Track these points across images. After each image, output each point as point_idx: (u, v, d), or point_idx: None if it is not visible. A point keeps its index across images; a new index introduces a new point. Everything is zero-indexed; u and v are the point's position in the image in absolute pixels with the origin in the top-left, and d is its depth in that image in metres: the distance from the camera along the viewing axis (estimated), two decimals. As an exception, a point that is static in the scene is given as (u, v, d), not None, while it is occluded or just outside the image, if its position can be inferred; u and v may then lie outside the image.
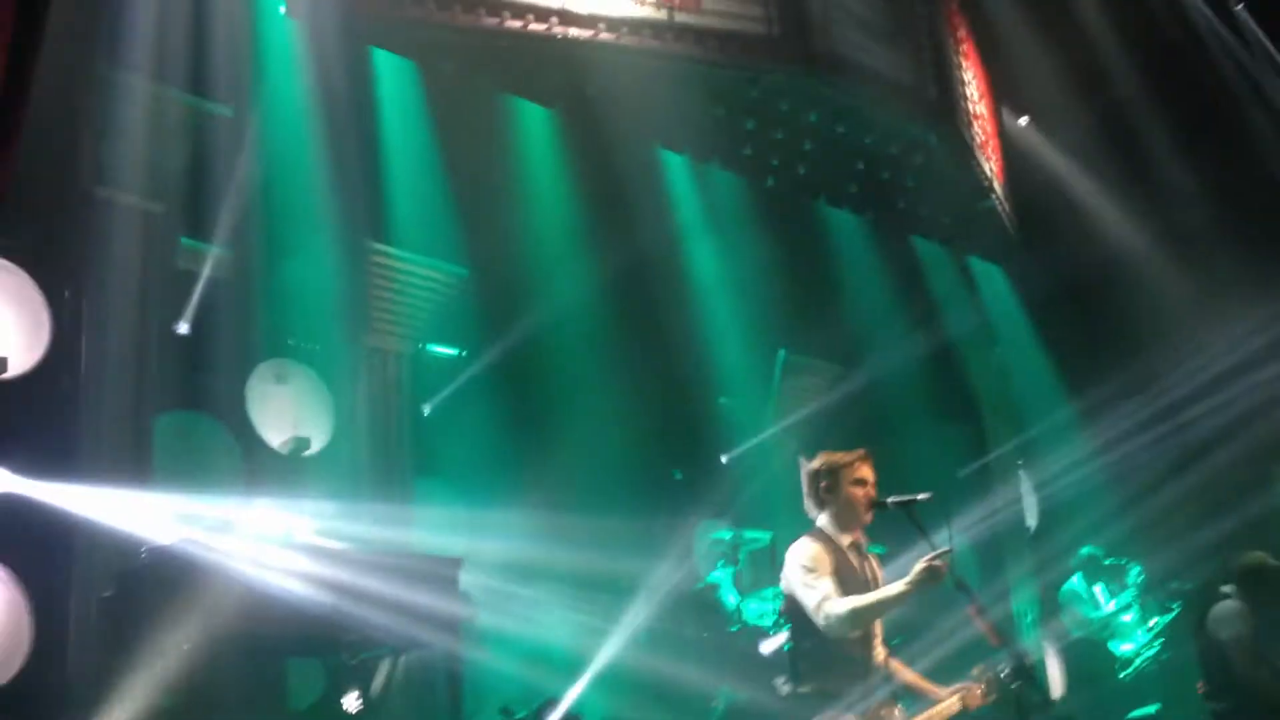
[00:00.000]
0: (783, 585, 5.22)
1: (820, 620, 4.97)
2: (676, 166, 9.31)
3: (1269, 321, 9.51)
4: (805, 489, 5.32)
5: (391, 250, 7.59)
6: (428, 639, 5.38)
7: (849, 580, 5.09)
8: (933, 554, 4.83)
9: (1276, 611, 6.21)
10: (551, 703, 5.82)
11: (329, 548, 5.23)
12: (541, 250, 8.34)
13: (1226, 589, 6.40)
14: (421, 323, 7.76)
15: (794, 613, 5.17)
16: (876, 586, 5.17)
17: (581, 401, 8.11)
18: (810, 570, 5.06)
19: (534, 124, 8.55)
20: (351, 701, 5.42)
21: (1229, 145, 10.20)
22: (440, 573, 5.53)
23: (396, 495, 6.99)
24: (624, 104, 8.05)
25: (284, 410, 6.77)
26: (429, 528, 6.84)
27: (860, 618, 4.95)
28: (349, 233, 7.10)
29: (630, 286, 8.50)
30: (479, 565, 6.50)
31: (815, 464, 5.31)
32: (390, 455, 7.22)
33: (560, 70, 8.04)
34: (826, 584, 4.98)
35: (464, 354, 7.91)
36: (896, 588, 4.88)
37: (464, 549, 6.10)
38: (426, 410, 7.71)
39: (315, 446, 6.80)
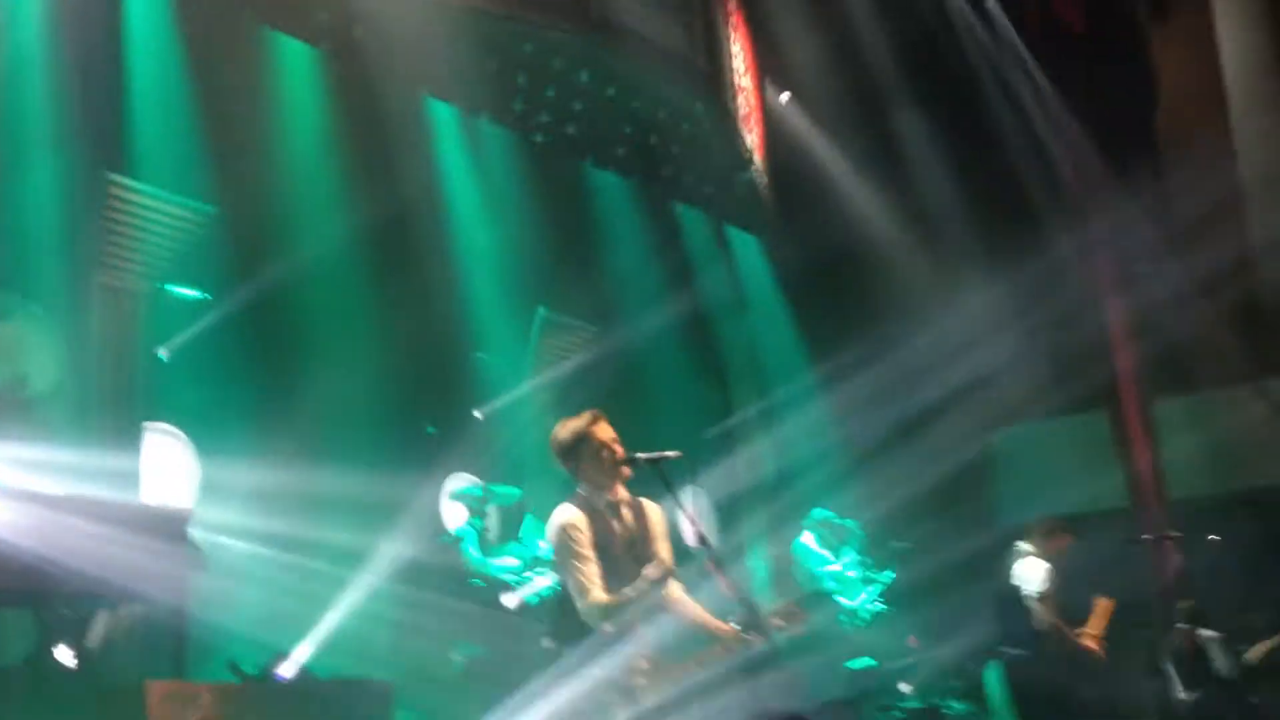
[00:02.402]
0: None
1: (579, 605, 5.08)
2: (444, 117, 9.18)
3: (998, 299, 10.15)
4: (557, 461, 5.37)
5: (131, 183, 7.17)
6: (152, 592, 5.19)
7: (609, 545, 5.18)
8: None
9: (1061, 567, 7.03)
10: (282, 658, 5.69)
11: (45, 493, 4.97)
12: (296, 193, 8.06)
13: (1026, 546, 7.10)
14: (162, 262, 7.35)
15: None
16: (637, 539, 5.26)
17: (332, 351, 7.89)
18: (570, 549, 5.14)
19: (296, 61, 8.25)
20: (65, 655, 5.16)
21: (973, 130, 10.76)
22: (168, 523, 5.34)
23: (125, 442, 6.65)
24: (393, 49, 7.86)
25: (3, 346, 6.35)
26: (159, 475, 6.57)
27: (611, 614, 5.04)
28: (83, 160, 6.65)
29: (388, 235, 8.33)
30: (212, 517, 6.30)
31: (558, 434, 5.35)
32: (120, 400, 6.84)
33: (327, 8, 7.79)
34: (589, 569, 5.08)
35: (208, 297, 7.56)
36: (643, 583, 5.02)
37: (196, 499, 5.90)
38: (164, 354, 7.35)
39: (37, 386, 6.40)
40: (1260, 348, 9.56)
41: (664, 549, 5.36)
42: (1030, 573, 7.07)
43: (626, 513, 5.32)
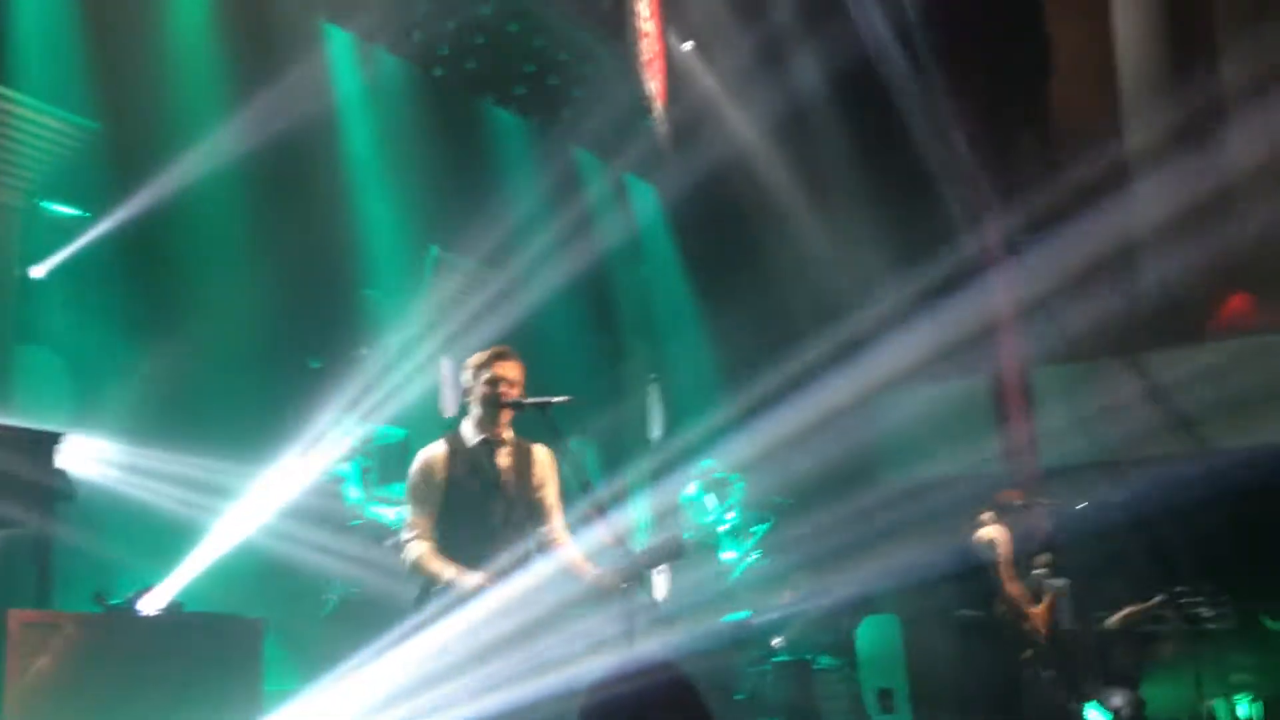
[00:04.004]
0: None
1: (401, 543, 5.16)
2: (341, 43, 8.93)
3: (889, 262, 10.30)
4: (450, 386, 5.38)
5: (9, 93, 6.84)
6: (16, 516, 5.02)
7: (467, 484, 5.15)
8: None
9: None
10: (149, 590, 5.54)
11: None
12: (184, 111, 7.76)
13: (986, 516, 7.41)
14: (39, 176, 7.05)
15: None
16: (511, 482, 5.25)
17: (215, 278, 7.66)
18: (412, 492, 5.22)
19: (187, -26, 7.95)
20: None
21: (870, 95, 10.83)
22: (35, 446, 5.15)
23: (-6, 362, 6.40)
24: (289, -31, 7.65)
25: None
26: (28, 398, 6.33)
27: (416, 571, 5.14)
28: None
29: (278, 162, 8.06)
30: (83, 442, 6.09)
31: (459, 364, 5.35)
32: (-11, 317, 6.58)
33: (222, -77, 7.53)
34: (418, 517, 5.17)
35: (87, 215, 7.27)
36: (461, 580, 4.99)
37: (67, 425, 5.68)
38: (39, 273, 7.06)
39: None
40: (1138, 322, 9.87)
41: (550, 494, 5.36)
42: (993, 538, 7.33)
43: (505, 454, 5.29)
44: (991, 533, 7.35)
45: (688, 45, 11.65)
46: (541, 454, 5.40)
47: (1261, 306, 10.24)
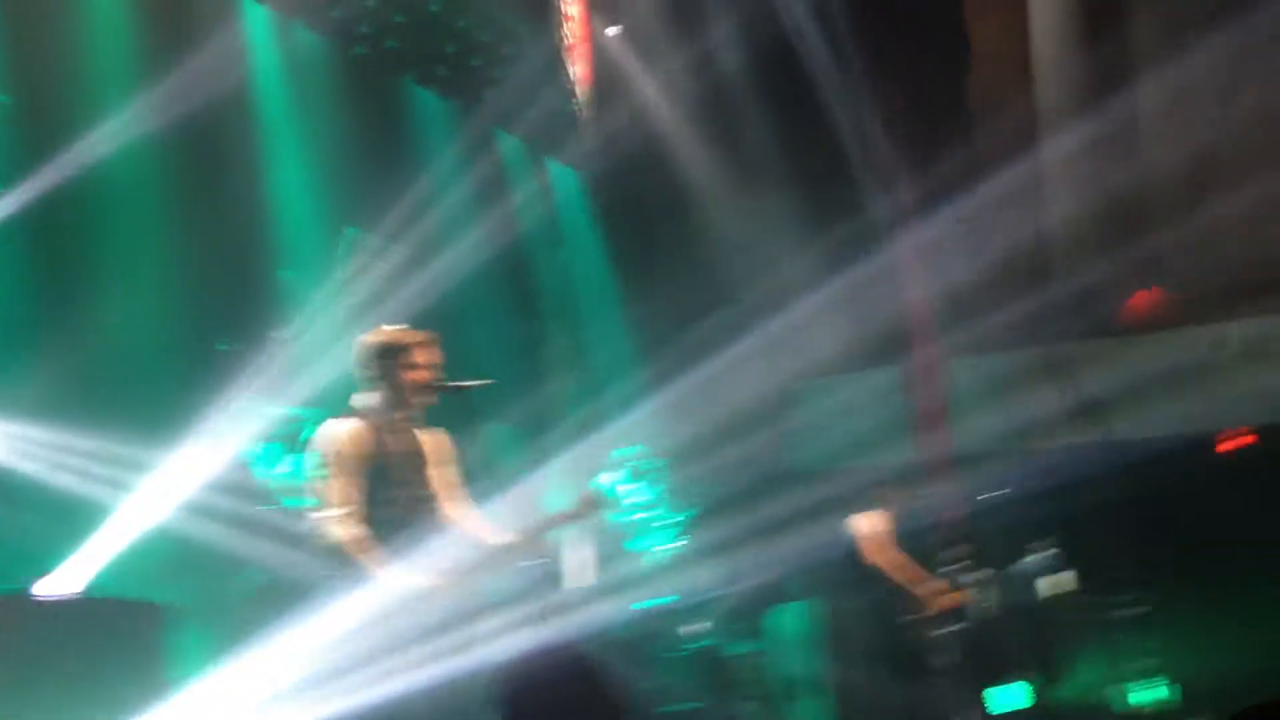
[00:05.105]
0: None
1: (321, 516, 4.94)
2: (258, 18, 8.76)
3: (809, 253, 10.37)
4: (361, 363, 5.26)
5: (-93, 62, 6.64)
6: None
7: (385, 465, 5.09)
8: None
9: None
10: (47, 575, 5.41)
11: None
12: (97, 85, 7.59)
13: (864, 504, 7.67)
14: (-59, 150, 6.87)
15: None
16: (422, 460, 5.21)
17: (123, 255, 7.49)
18: (342, 461, 5.02)
19: (97, -57, 7.75)
20: None
21: (795, 87, 10.88)
22: (-68, 428, 5.00)
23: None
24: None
25: None
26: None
27: (342, 558, 4.93)
28: None
29: (191, 138, 7.91)
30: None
31: (378, 339, 5.24)
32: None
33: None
34: (347, 488, 4.96)
35: (-4, 189, 7.07)
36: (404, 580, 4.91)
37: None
38: (-66, 252, 6.86)
39: None
40: (1049, 316, 10.04)
41: (455, 473, 5.33)
42: (861, 519, 7.56)
43: (409, 435, 5.24)
44: (857, 519, 7.55)
45: (613, 30, 11.62)
46: (438, 437, 5.39)
47: (1168, 301, 10.50)
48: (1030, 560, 8.12)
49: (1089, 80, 10.29)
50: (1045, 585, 8.00)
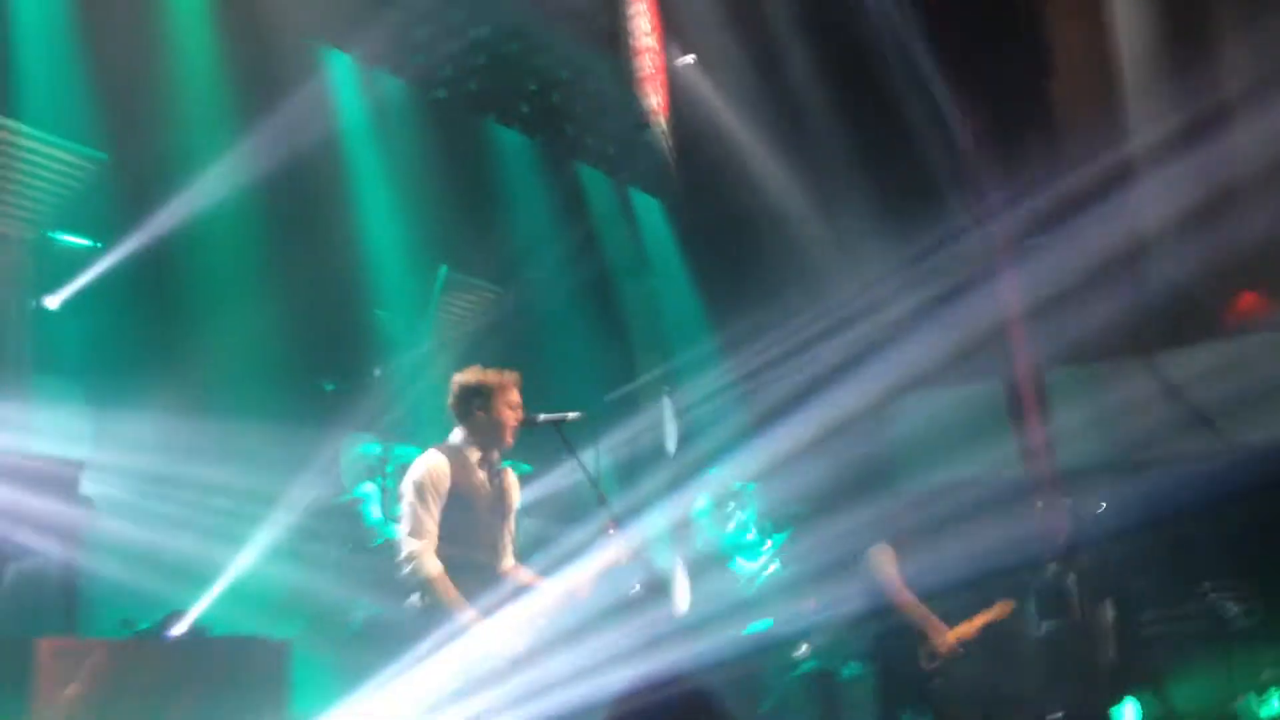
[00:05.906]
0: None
1: (402, 556, 5.01)
2: (343, 67, 8.96)
3: (897, 268, 10.30)
4: (451, 402, 5.31)
5: (18, 125, 6.88)
6: (42, 546, 5.02)
7: (474, 496, 5.15)
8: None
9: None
10: (176, 615, 5.54)
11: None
12: (191, 140, 7.81)
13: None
14: (49, 208, 7.11)
15: None
16: (506, 502, 5.29)
17: (227, 304, 7.70)
18: (424, 493, 5.09)
19: (188, 3, 7.98)
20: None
21: (873, 99, 10.83)
22: (58, 476, 5.16)
23: (10, 392, 6.40)
24: (289, -5, 7.66)
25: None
26: (48, 428, 6.33)
27: (429, 593, 4.98)
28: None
29: (285, 187, 8.10)
30: (104, 470, 6.10)
31: (469, 379, 5.30)
32: (5, 349, 6.60)
33: (221, -51, 7.58)
34: (428, 521, 5.03)
35: (98, 245, 7.30)
36: (465, 612, 4.94)
37: (87, 453, 5.70)
38: (53, 303, 7.09)
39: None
40: (1149, 322, 9.85)
41: (511, 523, 5.37)
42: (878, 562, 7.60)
43: (493, 475, 5.30)
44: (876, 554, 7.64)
45: (688, 59, 11.69)
46: (514, 482, 5.45)
47: (1272, 302, 10.23)
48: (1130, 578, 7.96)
49: (1177, 79, 10.10)
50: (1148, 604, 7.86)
